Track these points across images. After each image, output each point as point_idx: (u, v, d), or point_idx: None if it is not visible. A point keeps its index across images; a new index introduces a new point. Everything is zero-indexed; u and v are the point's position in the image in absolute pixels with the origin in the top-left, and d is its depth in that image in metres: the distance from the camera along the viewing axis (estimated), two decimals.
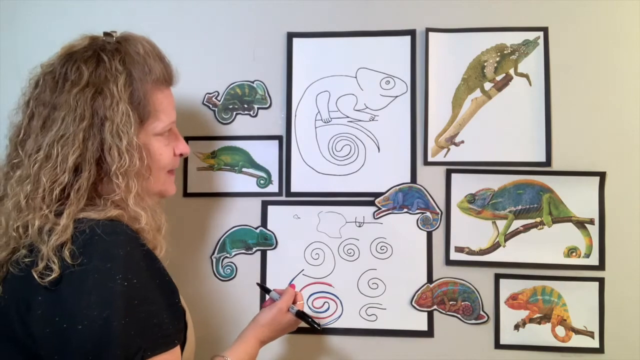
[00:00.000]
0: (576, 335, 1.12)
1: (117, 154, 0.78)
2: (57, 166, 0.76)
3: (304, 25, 1.19)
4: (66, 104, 0.78)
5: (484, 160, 1.15)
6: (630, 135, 1.13)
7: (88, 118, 0.78)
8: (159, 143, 0.86)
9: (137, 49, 0.85)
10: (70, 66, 0.81)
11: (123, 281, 0.70)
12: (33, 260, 0.72)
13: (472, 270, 1.14)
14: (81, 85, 0.79)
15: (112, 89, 0.79)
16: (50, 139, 0.77)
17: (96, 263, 0.70)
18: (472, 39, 1.16)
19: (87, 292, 0.69)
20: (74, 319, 0.68)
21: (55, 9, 1.23)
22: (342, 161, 1.18)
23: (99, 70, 0.81)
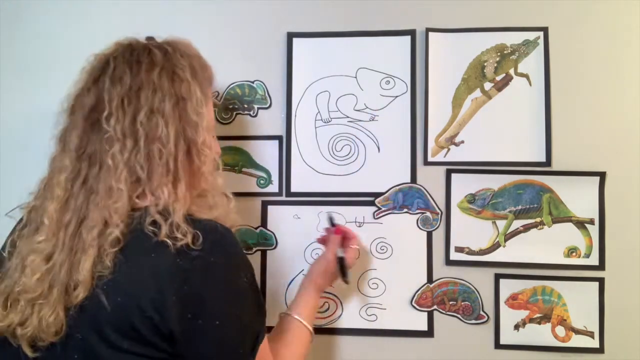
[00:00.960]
0: (576, 335, 1.12)
1: (201, 130, 0.81)
2: (161, 137, 0.77)
3: (304, 25, 1.19)
4: (149, 83, 0.79)
5: (484, 160, 1.15)
6: (630, 135, 1.13)
7: (173, 96, 0.80)
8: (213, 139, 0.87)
9: (190, 49, 0.88)
10: (140, 51, 0.83)
11: (244, 277, 0.77)
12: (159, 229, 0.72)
13: (472, 270, 1.14)
14: (158, 68, 0.81)
15: (186, 74, 0.82)
16: (145, 114, 0.78)
17: (220, 259, 0.74)
18: (472, 39, 1.16)
19: (221, 289, 0.74)
20: (210, 316, 0.72)
21: (55, 9, 1.23)
22: (342, 161, 1.18)
23: (168, 56, 0.83)
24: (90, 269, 0.71)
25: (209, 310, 0.72)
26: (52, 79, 1.21)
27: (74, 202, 0.76)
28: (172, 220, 0.73)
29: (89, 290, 0.71)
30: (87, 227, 0.74)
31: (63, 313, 0.72)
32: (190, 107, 0.81)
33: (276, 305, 1.16)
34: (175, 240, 0.71)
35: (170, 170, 0.77)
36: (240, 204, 1.17)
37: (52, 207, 0.76)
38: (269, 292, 1.17)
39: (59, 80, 1.08)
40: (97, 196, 0.75)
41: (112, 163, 0.76)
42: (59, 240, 0.74)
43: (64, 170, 0.78)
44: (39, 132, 0.89)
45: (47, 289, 0.72)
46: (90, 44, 1.25)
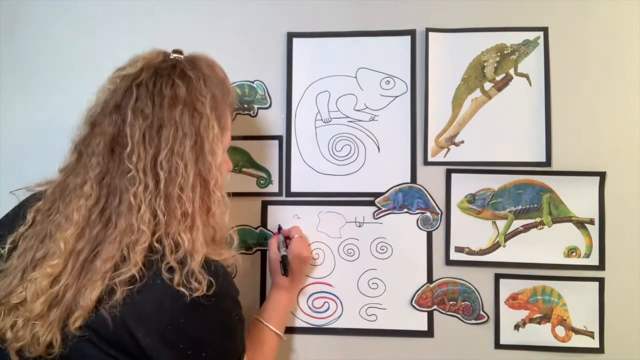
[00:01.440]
0: (576, 335, 1.12)
1: (215, 170, 0.83)
2: (181, 183, 0.79)
3: (304, 25, 1.19)
4: (171, 120, 0.81)
5: (484, 160, 1.15)
6: (630, 135, 1.13)
7: (193, 136, 0.81)
8: (225, 157, 0.91)
9: (215, 72, 0.90)
10: (164, 82, 0.83)
11: (236, 316, 0.82)
12: (173, 276, 0.74)
13: (472, 270, 1.14)
14: (181, 103, 0.82)
15: (203, 109, 0.83)
16: (165, 155, 0.79)
17: (219, 300, 0.77)
18: (472, 39, 1.16)
19: (213, 324, 0.78)
20: (199, 347, 0.76)
21: (55, 9, 1.22)
22: (342, 161, 1.18)
23: (191, 89, 0.84)
24: (96, 300, 0.73)
25: (203, 346, 0.76)
26: (51, 81, 1.22)
27: (89, 231, 0.78)
28: (189, 268, 0.75)
29: (86, 319, 0.73)
30: (102, 259, 0.75)
31: (60, 335, 0.73)
32: (207, 146, 0.83)
33: None
34: (192, 291, 0.74)
35: (188, 214, 0.79)
36: (240, 204, 1.19)
37: (69, 232, 0.77)
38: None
39: (61, 85, 1.09)
40: (115, 230, 0.77)
41: (134, 202, 0.77)
42: (69, 265, 0.76)
43: (84, 196, 0.79)
44: (39, 135, 0.90)
45: (46, 309, 0.74)
46: (91, 46, 1.26)
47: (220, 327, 0.80)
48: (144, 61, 0.86)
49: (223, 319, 0.80)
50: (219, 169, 0.84)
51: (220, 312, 0.79)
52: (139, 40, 1.19)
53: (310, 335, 1.16)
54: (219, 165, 0.84)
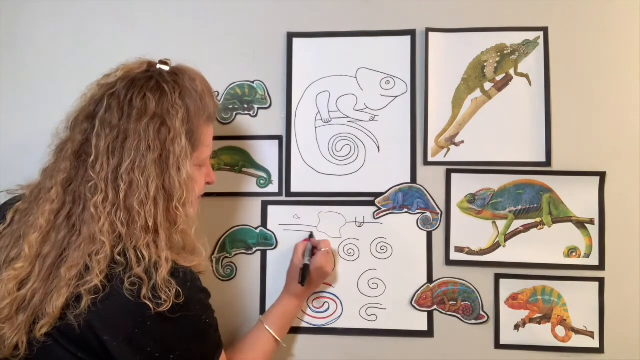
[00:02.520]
0: (576, 335, 1.12)
1: (179, 185, 0.82)
2: (142, 197, 0.79)
3: (304, 25, 1.19)
4: (136, 133, 0.80)
5: (484, 160, 1.15)
6: (630, 135, 1.13)
7: (157, 149, 0.81)
8: (199, 172, 0.92)
9: (195, 85, 0.88)
10: (135, 93, 0.83)
11: (206, 319, 0.84)
12: (138, 288, 0.75)
13: (472, 270, 1.14)
14: (149, 116, 0.82)
15: (173, 123, 0.83)
16: (127, 167, 0.79)
17: (187, 304, 0.77)
18: (472, 39, 1.16)
19: (180, 329, 0.78)
20: (167, 349, 0.77)
21: (55, 10, 1.22)
22: (342, 161, 1.18)
23: (162, 102, 0.83)
24: (62, 307, 0.74)
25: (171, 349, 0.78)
26: (51, 85, 1.22)
27: (55, 235, 0.79)
28: (155, 281, 0.75)
29: (52, 326, 0.74)
30: (66, 266, 0.76)
31: (26, 338, 0.74)
32: (172, 161, 0.82)
33: None
34: (158, 305, 0.74)
35: (149, 228, 0.79)
36: (240, 204, 1.19)
37: (34, 236, 0.78)
38: (269, 292, 1.17)
39: (58, 89, 1.09)
40: (79, 237, 0.78)
41: (94, 212, 0.78)
42: (36, 269, 0.77)
43: (49, 201, 0.80)
44: (38, 136, 0.90)
45: (14, 311, 0.75)
46: (90, 49, 1.26)
47: (189, 332, 0.80)
48: (124, 71, 0.86)
49: (192, 324, 0.81)
50: (184, 185, 0.83)
51: (188, 319, 0.79)
52: (139, 41, 1.20)
53: (310, 335, 1.16)
54: (185, 181, 0.83)
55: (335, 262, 1.16)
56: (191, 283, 0.81)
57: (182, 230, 0.83)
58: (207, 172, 0.98)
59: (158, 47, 1.17)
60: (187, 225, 0.84)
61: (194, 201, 0.89)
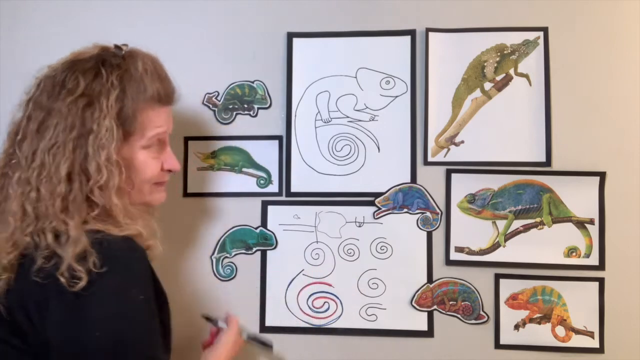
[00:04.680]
0: (576, 335, 1.12)
1: (97, 168, 0.79)
2: (52, 176, 0.78)
3: (304, 25, 1.19)
4: (59, 112, 0.80)
5: (484, 160, 1.15)
6: (630, 135, 1.13)
7: (77, 128, 0.80)
8: (145, 156, 0.87)
9: (137, 66, 0.86)
10: (69, 74, 0.83)
11: (139, 295, 0.76)
12: (54, 267, 0.72)
13: (472, 270, 1.14)
14: (75, 95, 0.81)
15: (103, 102, 0.81)
16: (44, 146, 0.79)
17: (117, 277, 0.74)
18: (472, 39, 1.16)
19: (107, 304, 0.73)
20: (91, 328, 0.71)
21: (56, 9, 1.23)
22: (342, 161, 1.18)
23: (95, 83, 0.82)
24: None
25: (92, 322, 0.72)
26: None
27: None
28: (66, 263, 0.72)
29: None
30: None
31: None
32: (93, 141, 0.79)
33: (276, 305, 1.17)
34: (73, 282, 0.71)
35: (57, 210, 0.77)
36: (240, 204, 1.19)
37: None
38: (269, 292, 1.17)
39: None
40: (2, 215, 0.79)
41: (11, 192, 0.79)
42: None
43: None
44: None
45: None
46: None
47: (113, 305, 0.74)
48: (72, 55, 0.87)
49: (116, 296, 0.74)
50: (105, 168, 0.79)
51: (109, 289, 0.73)
52: (139, 41, 1.20)
53: (310, 335, 1.16)
54: (106, 164, 0.79)
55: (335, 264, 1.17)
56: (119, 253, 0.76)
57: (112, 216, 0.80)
58: (165, 158, 0.92)
59: (158, 47, 1.17)
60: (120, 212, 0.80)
61: (139, 185, 0.86)
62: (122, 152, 0.83)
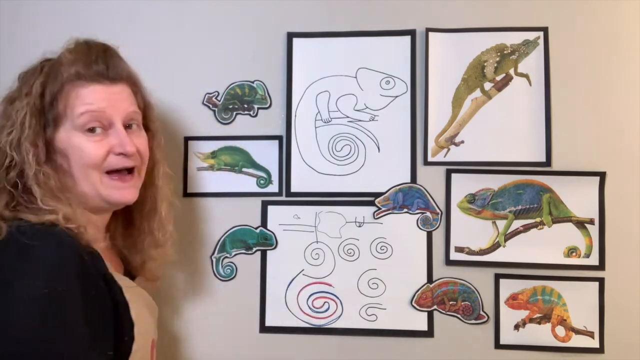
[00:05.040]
0: (576, 335, 1.12)
1: (8, 151, 0.81)
2: None
3: (304, 25, 1.19)
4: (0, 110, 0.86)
5: (484, 160, 1.15)
6: (630, 135, 1.13)
7: (3, 120, 0.84)
8: (81, 139, 0.83)
9: (69, 47, 0.88)
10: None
11: (44, 288, 0.70)
12: None
13: (472, 270, 1.14)
14: (12, 91, 0.87)
15: (26, 90, 0.84)
16: None
17: (20, 266, 0.71)
18: (472, 39, 1.16)
19: (6, 293, 0.69)
20: None
21: (56, 10, 1.22)
22: (342, 161, 1.18)
23: (27, 75, 0.87)
24: None
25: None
26: None
27: None
28: None
29: None
30: None
31: None
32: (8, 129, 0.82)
33: (276, 305, 1.16)
34: None
35: None
36: (240, 204, 1.19)
37: None
38: (269, 292, 1.17)
39: None
40: None
41: None
42: None
43: None
44: None
45: None
46: None
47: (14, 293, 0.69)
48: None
49: (19, 284, 0.70)
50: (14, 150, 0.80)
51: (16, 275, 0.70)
52: (139, 40, 1.20)
53: (310, 335, 1.16)
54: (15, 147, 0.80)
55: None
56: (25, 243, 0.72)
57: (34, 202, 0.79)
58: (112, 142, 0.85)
59: (158, 47, 1.17)
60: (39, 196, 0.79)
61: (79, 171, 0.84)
62: (56, 140, 0.84)
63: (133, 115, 0.89)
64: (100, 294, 0.78)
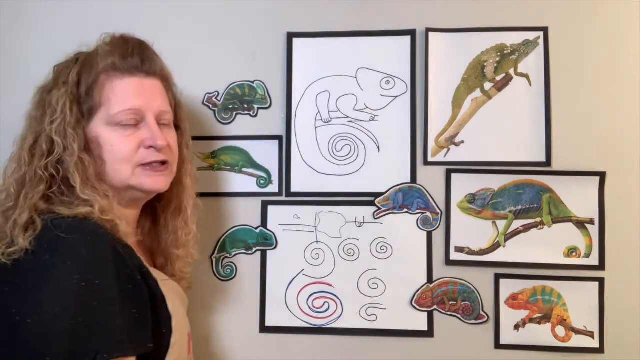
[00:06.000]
0: (576, 335, 1.12)
1: (50, 142, 0.81)
2: (20, 159, 0.82)
3: (304, 25, 1.19)
4: (32, 107, 0.86)
5: (484, 160, 1.15)
6: (630, 135, 1.13)
7: (40, 109, 0.84)
8: (113, 134, 0.85)
9: (105, 40, 0.89)
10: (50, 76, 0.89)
11: (81, 281, 0.70)
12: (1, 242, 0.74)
13: (472, 270, 1.14)
14: (48, 81, 0.87)
15: (63, 79, 0.85)
16: (23, 131, 0.85)
17: (55, 259, 0.71)
18: (472, 39, 1.16)
19: (41, 287, 0.69)
20: (25, 312, 0.68)
21: (56, 10, 1.22)
22: (342, 161, 1.18)
23: (62, 66, 0.88)
24: None
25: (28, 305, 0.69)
26: None
27: None
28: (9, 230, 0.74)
29: None
30: None
31: None
32: (49, 117, 0.82)
33: (276, 305, 1.16)
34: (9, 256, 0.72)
35: (18, 181, 0.80)
36: (240, 204, 1.19)
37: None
38: (269, 292, 1.17)
39: None
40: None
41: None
42: None
43: None
44: None
45: None
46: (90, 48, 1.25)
47: (51, 287, 0.69)
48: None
49: (56, 277, 0.70)
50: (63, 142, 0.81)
51: (52, 269, 0.70)
52: None
53: (310, 335, 1.16)
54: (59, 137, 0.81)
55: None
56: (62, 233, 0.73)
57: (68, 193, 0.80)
58: (143, 136, 0.86)
59: (158, 47, 1.17)
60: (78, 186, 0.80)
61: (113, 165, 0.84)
62: (89, 130, 0.84)
63: (165, 115, 0.92)
64: (137, 287, 0.78)
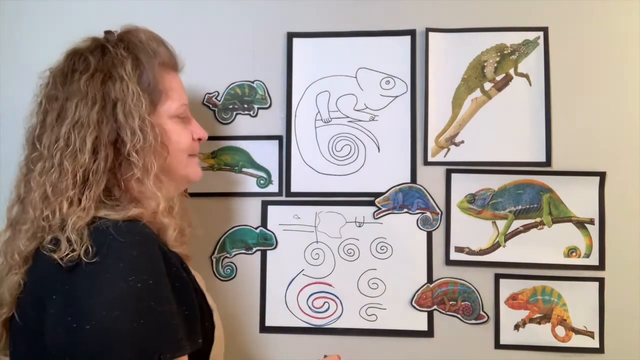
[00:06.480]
0: (576, 335, 1.12)
1: (131, 132, 0.79)
2: (76, 150, 0.77)
3: (304, 25, 1.19)
4: (77, 92, 0.79)
5: (484, 160, 1.15)
6: (630, 135, 1.13)
7: (99, 101, 0.79)
8: (175, 125, 0.88)
9: (139, 36, 0.87)
10: (76, 59, 0.83)
11: (136, 282, 0.69)
12: (56, 246, 0.72)
13: (472, 270, 1.14)
14: (90, 72, 0.80)
15: (121, 72, 0.81)
16: (66, 127, 0.78)
17: (109, 262, 0.70)
18: (472, 39, 1.16)
19: (98, 291, 0.68)
20: (83, 318, 0.67)
21: (57, 10, 1.23)
22: (342, 161, 1.18)
23: (106, 58, 0.82)
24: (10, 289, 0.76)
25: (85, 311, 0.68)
26: None
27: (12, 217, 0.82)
28: (67, 234, 0.72)
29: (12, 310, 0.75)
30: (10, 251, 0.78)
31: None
32: (122, 108, 0.79)
33: (276, 305, 1.17)
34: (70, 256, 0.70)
35: (77, 182, 0.76)
36: (240, 204, 1.19)
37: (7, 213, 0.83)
38: (269, 292, 1.17)
39: None
40: (24, 208, 0.79)
41: (33, 184, 0.78)
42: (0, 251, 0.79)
43: (15, 194, 0.83)
44: None
45: None
46: None
47: (107, 291, 0.68)
48: (70, 47, 0.86)
49: (111, 281, 0.69)
50: (143, 129, 0.79)
51: (106, 272, 0.69)
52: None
53: (310, 335, 1.16)
54: (141, 126, 0.79)
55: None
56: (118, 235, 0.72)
57: (138, 179, 0.79)
58: (193, 129, 0.93)
59: None
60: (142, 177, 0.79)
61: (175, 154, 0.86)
62: (154, 120, 0.83)
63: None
64: (184, 284, 0.78)
